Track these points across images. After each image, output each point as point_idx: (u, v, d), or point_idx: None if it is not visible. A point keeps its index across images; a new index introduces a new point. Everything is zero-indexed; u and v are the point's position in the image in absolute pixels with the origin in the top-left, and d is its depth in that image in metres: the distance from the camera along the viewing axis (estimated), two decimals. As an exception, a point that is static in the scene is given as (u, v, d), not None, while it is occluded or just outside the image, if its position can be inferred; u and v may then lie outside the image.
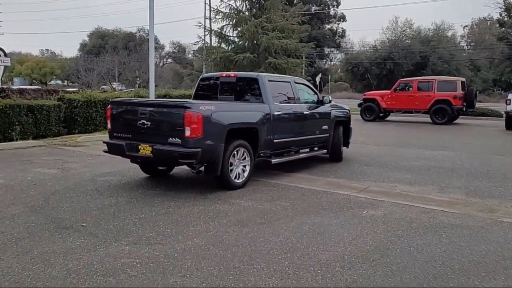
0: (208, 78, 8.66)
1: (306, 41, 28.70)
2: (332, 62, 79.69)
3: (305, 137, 8.64)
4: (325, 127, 9.26)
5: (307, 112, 8.63)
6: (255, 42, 25.84)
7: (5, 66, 19.43)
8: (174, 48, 78.81)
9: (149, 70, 15.92)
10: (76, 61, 48.33)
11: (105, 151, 7.29)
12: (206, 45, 28.79)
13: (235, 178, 7.02)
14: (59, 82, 77.34)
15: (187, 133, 6.25)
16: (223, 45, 28.40)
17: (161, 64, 71.40)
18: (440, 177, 8.30)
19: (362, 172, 8.69)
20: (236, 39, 27.65)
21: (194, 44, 30.28)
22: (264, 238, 4.78)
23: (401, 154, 10.98)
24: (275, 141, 7.79)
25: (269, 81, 7.93)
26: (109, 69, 34.80)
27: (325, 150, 9.45)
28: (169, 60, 78.07)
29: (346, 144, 10.14)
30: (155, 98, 14.62)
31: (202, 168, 6.78)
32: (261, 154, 7.67)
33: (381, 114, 21.18)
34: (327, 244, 4.64)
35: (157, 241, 4.67)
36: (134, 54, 41.31)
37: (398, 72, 54.25)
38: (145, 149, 6.67)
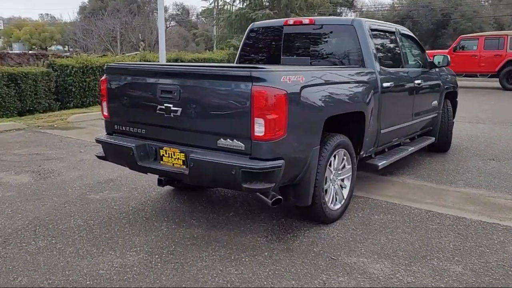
0: (264, 28, 5.39)
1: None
2: (345, 23, 74.62)
3: (412, 122, 5.50)
4: (435, 103, 6.10)
5: (419, 82, 5.45)
6: (274, -4, 22.50)
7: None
8: (178, 10, 74.41)
9: (158, 29, 12.82)
10: (75, 25, 44.47)
11: (99, 157, 4.18)
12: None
13: (330, 203, 3.94)
14: (60, 47, 73.59)
15: (259, 130, 3.14)
16: (237, 2, 25.00)
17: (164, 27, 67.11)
18: None
19: (501, 174, 5.59)
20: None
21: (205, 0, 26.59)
22: None
23: (521, 138, 7.82)
24: (382, 131, 4.67)
25: (371, 30, 4.71)
26: (110, 30, 31.04)
27: (433, 138, 6.29)
28: (173, 23, 73.76)
29: (450, 125, 6.95)
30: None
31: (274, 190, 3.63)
32: (363, 155, 4.56)
33: (433, 79, 17.68)
34: None
35: None
36: (137, 17, 37.51)
37: (417, 31, 50.36)
38: (174, 158, 3.58)
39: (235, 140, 3.27)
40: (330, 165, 3.87)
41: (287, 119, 3.20)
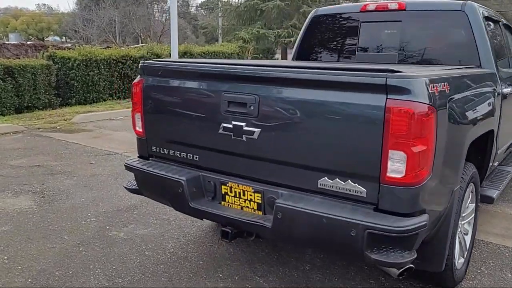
0: (332, 16, 4.21)
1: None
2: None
3: (513, 135, 4.37)
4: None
5: (524, 85, 4.31)
6: (286, -15, 21.53)
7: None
8: (178, 2, 73.11)
9: (170, 18, 11.65)
10: (73, 15, 42.98)
11: (130, 190, 3.02)
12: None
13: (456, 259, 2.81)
14: (57, 38, 72.10)
15: (395, 168, 1.99)
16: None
17: (163, 19, 65.77)
18: None
19: None
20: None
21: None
22: None
23: None
24: (498, 151, 3.54)
25: (485, 18, 3.57)
26: (112, 20, 29.64)
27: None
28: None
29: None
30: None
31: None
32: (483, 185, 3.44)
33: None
34: None
35: None
36: (139, 7, 36.14)
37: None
38: (243, 199, 2.44)
39: (349, 181, 2.12)
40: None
41: (435, 149, 2.07)
